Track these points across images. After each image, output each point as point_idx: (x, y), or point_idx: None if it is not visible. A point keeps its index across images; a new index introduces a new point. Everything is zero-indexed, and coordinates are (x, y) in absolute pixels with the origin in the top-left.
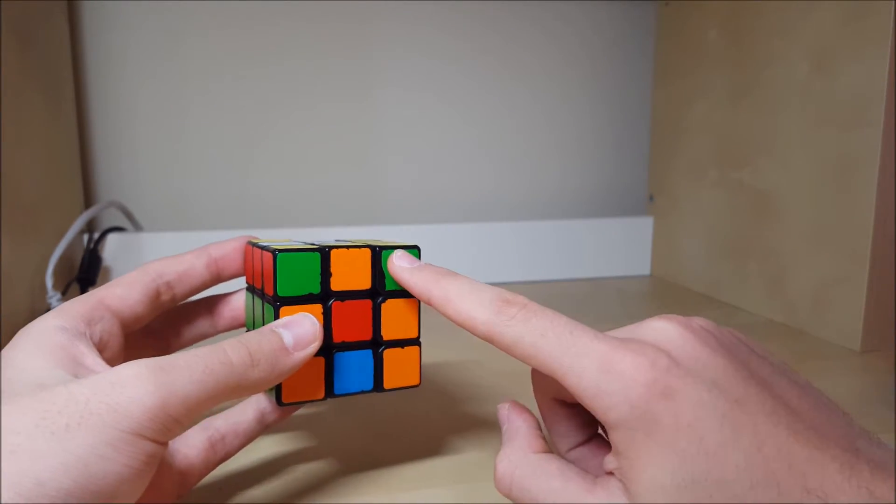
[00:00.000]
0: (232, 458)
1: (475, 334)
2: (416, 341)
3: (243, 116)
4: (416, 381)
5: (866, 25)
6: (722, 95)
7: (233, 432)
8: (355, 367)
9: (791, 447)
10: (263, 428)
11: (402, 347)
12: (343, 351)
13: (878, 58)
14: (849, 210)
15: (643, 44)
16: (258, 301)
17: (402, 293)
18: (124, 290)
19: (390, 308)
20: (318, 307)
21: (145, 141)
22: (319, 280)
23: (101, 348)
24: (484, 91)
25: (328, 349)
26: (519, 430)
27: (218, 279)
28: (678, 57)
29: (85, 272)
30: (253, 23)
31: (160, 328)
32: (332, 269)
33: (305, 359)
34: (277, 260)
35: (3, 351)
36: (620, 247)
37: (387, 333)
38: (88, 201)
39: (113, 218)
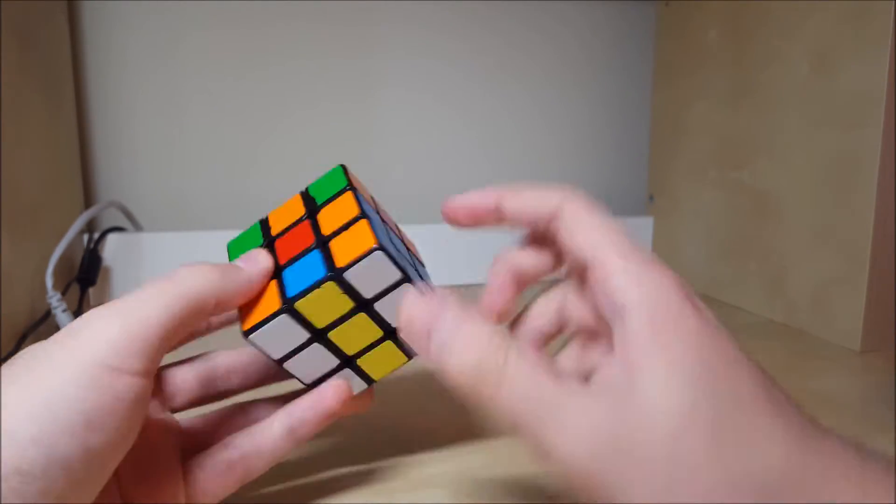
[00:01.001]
0: None
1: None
2: (357, 217)
3: (243, 116)
4: (372, 244)
5: (866, 25)
6: (722, 95)
7: (255, 451)
8: (306, 268)
9: (770, 390)
10: (294, 443)
11: (348, 229)
12: (291, 263)
13: (878, 58)
14: (849, 210)
15: (643, 44)
16: None
17: (334, 196)
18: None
19: (326, 212)
20: (266, 250)
21: (145, 141)
22: (261, 236)
23: None
24: (484, 91)
25: (278, 272)
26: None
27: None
28: (678, 57)
29: (85, 272)
30: (253, 23)
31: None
32: (270, 223)
33: (258, 274)
34: (228, 247)
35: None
36: None
37: (326, 229)
38: (88, 201)
39: (113, 218)
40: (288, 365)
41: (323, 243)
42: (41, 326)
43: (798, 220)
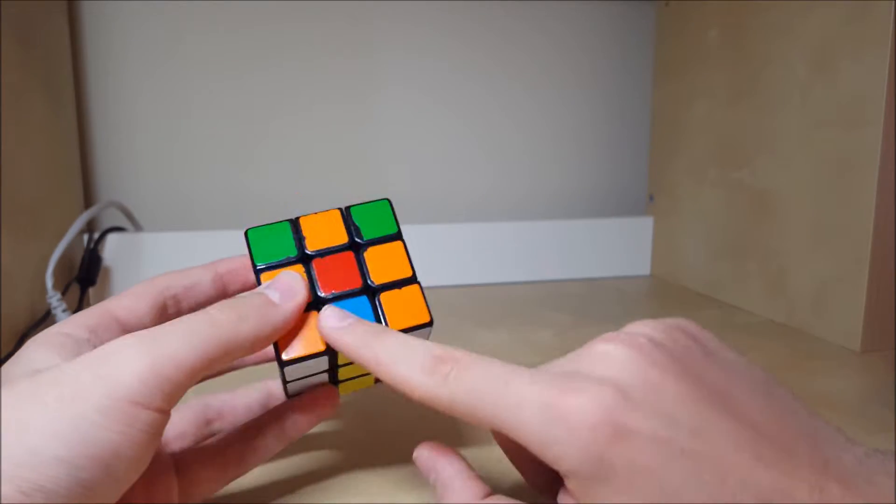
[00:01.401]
0: None
1: (412, 399)
2: (411, 280)
3: (243, 116)
4: (426, 318)
5: (866, 25)
6: (722, 95)
7: (250, 448)
8: (355, 311)
9: (757, 476)
10: (285, 441)
11: (400, 288)
12: (337, 301)
13: (878, 58)
14: (849, 210)
15: (643, 44)
16: None
17: (384, 239)
18: (132, 301)
19: (374, 254)
20: (300, 267)
21: (145, 141)
22: (294, 244)
23: None
24: (484, 91)
25: (320, 303)
26: (453, 478)
27: (224, 294)
28: (678, 57)
29: (85, 272)
30: (253, 23)
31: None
32: (304, 233)
33: (295, 310)
34: (248, 235)
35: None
36: (620, 247)
37: (377, 277)
38: (88, 201)
39: (113, 218)
40: (291, 382)
41: (373, 292)
42: (41, 326)
43: (798, 220)
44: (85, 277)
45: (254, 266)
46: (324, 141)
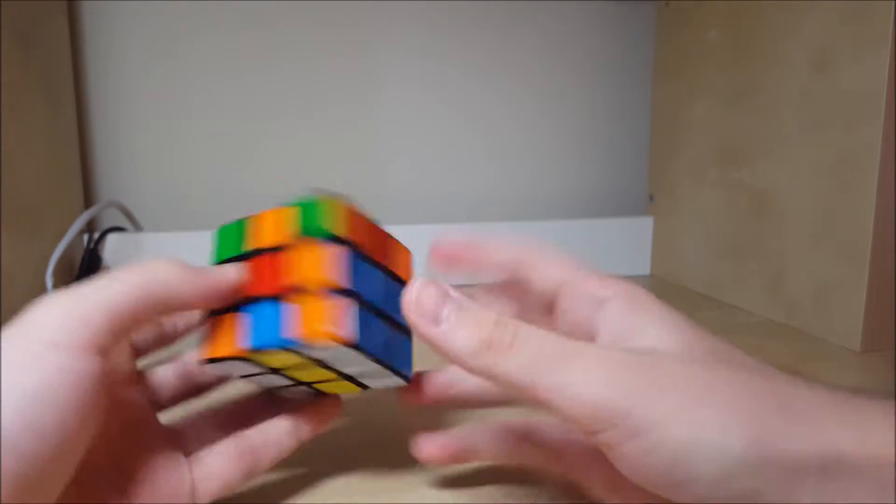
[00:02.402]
0: None
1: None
2: (343, 292)
3: (243, 116)
4: (347, 338)
5: (866, 25)
6: (722, 95)
7: (263, 444)
8: (267, 318)
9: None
10: (298, 441)
11: (323, 297)
12: (255, 303)
13: (878, 58)
14: (849, 210)
15: (643, 44)
16: None
17: (320, 241)
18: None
19: (306, 255)
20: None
21: (145, 141)
22: (242, 243)
23: None
24: (484, 91)
25: (241, 305)
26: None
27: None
28: (678, 57)
29: (85, 272)
30: (253, 23)
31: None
32: (253, 229)
33: (226, 288)
34: (218, 234)
35: None
36: (620, 247)
37: (300, 279)
38: (88, 201)
39: (113, 218)
40: (247, 380)
41: (292, 292)
42: None
43: (798, 220)
44: (85, 277)
45: (213, 260)
46: (324, 141)
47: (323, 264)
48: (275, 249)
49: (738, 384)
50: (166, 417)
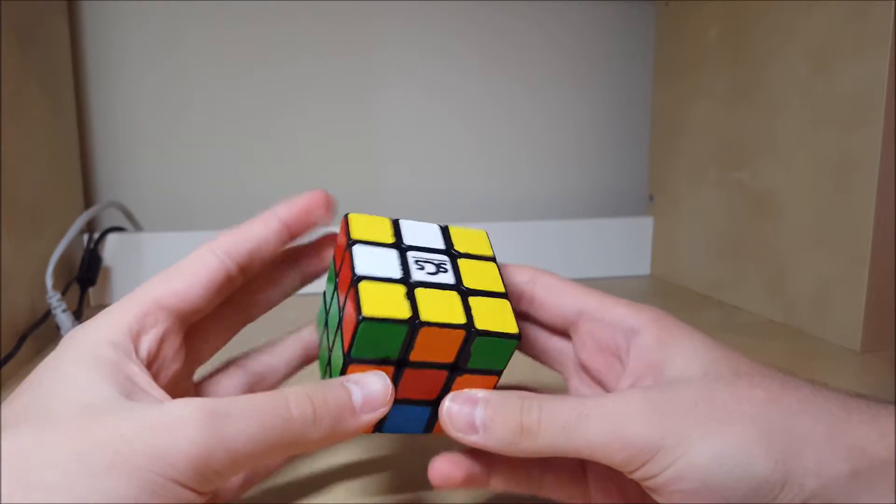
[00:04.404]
0: None
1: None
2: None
3: (243, 116)
4: None
5: (866, 25)
6: (722, 95)
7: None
8: (411, 416)
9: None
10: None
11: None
12: (402, 405)
13: (878, 58)
14: (849, 210)
15: (643, 44)
16: (335, 292)
17: (483, 371)
18: (185, 283)
19: (464, 381)
20: (391, 369)
21: (145, 141)
22: (399, 350)
23: (151, 360)
24: (484, 91)
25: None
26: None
27: (290, 242)
28: (678, 57)
29: (85, 272)
30: (253, 22)
31: (236, 296)
32: (416, 343)
33: (371, 422)
34: (360, 327)
35: (47, 360)
36: (620, 247)
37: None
38: (88, 201)
39: (113, 218)
40: None
41: (438, 403)
42: (41, 326)
43: (798, 220)
44: (85, 277)
45: (349, 350)
46: (324, 141)
47: (479, 387)
48: (432, 365)
49: (760, 399)
50: None
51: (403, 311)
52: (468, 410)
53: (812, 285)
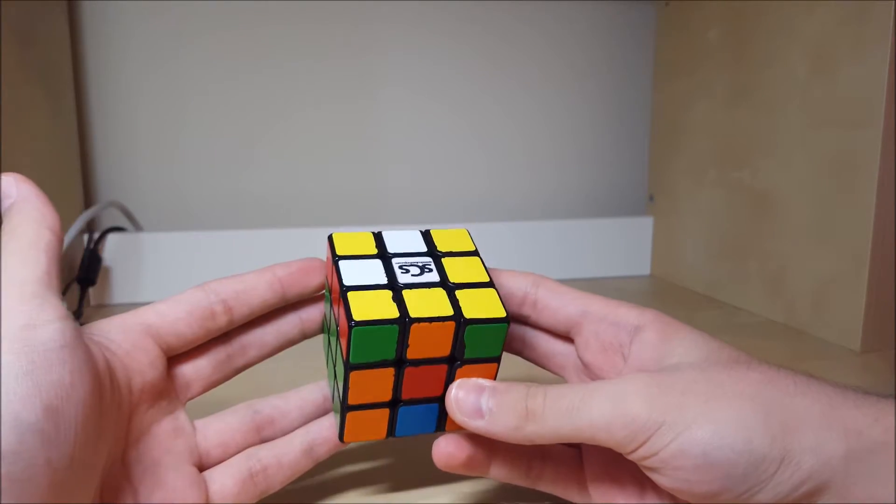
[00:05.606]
0: None
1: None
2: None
3: (243, 116)
4: None
5: (866, 25)
6: (722, 95)
7: (276, 464)
8: (420, 415)
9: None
10: (313, 461)
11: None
12: (409, 405)
13: (878, 58)
14: (849, 210)
15: (643, 44)
16: (331, 309)
17: (481, 360)
18: (169, 306)
19: (465, 372)
20: (392, 370)
21: (145, 141)
22: (396, 350)
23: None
24: (483, 91)
25: (395, 403)
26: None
27: (283, 300)
28: (678, 57)
29: (85, 272)
30: (253, 23)
31: (227, 333)
32: (410, 341)
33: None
34: (353, 333)
35: None
36: (620, 247)
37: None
38: (88, 201)
39: (113, 218)
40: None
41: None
42: None
43: (798, 220)
44: (85, 277)
45: (347, 358)
46: (324, 141)
47: (481, 377)
48: (434, 361)
49: (757, 380)
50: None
51: (392, 312)
52: (475, 397)
53: (812, 285)
